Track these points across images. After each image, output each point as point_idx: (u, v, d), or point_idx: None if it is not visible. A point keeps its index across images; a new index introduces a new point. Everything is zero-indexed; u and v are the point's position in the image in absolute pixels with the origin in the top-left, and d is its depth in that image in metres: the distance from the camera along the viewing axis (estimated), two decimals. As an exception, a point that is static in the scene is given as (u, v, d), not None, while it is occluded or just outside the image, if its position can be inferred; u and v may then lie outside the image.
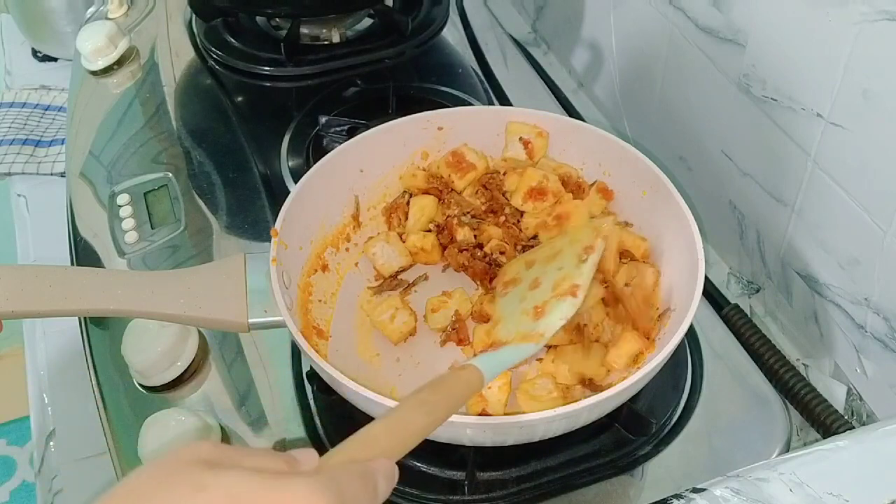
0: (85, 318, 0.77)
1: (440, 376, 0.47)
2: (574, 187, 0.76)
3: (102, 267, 0.82)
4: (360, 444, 0.39)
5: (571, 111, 1.01)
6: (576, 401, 0.56)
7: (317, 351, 0.62)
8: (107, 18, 1.10)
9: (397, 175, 0.78)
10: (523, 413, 0.56)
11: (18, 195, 1.10)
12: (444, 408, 0.45)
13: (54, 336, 0.92)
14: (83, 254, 0.84)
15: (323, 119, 0.92)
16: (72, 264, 0.85)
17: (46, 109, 1.21)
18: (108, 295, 0.60)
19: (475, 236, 0.75)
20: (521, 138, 0.77)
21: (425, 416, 0.43)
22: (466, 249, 0.74)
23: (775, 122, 0.71)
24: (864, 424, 0.71)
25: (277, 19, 1.05)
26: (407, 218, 0.77)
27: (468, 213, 0.76)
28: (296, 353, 0.72)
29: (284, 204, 0.68)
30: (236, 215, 0.85)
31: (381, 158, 0.77)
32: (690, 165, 0.87)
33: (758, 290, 0.83)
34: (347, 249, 0.76)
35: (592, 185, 0.75)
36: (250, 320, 0.62)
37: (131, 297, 0.60)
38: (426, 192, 0.77)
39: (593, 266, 0.62)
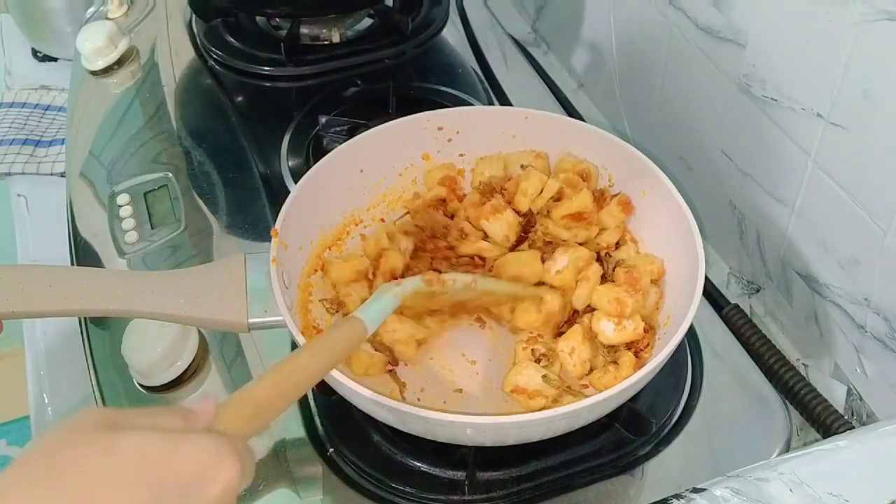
0: (85, 318, 0.77)
1: (326, 332, 0.52)
2: (597, 194, 0.75)
3: (102, 267, 0.82)
4: (247, 401, 0.42)
5: (571, 111, 1.01)
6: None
7: (317, 351, 0.62)
8: (107, 18, 1.10)
9: (397, 174, 0.78)
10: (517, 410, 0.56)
11: (18, 195, 1.10)
12: (328, 362, 0.50)
13: (54, 336, 0.92)
14: (83, 254, 0.84)
15: (323, 119, 0.92)
16: (72, 264, 0.85)
17: (46, 109, 1.21)
18: (108, 295, 0.60)
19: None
20: (522, 165, 0.77)
21: (311, 372, 0.47)
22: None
23: (775, 122, 0.71)
24: (864, 424, 0.71)
25: (277, 19, 1.05)
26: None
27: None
28: (296, 353, 0.72)
29: (284, 204, 0.68)
30: (236, 215, 0.85)
31: (381, 158, 0.77)
32: (690, 165, 0.87)
33: (758, 290, 0.83)
34: (347, 249, 0.76)
35: (615, 196, 0.75)
36: (250, 320, 0.62)
37: (131, 297, 0.60)
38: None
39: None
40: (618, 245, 0.74)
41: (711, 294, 0.81)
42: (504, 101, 0.99)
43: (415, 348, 0.68)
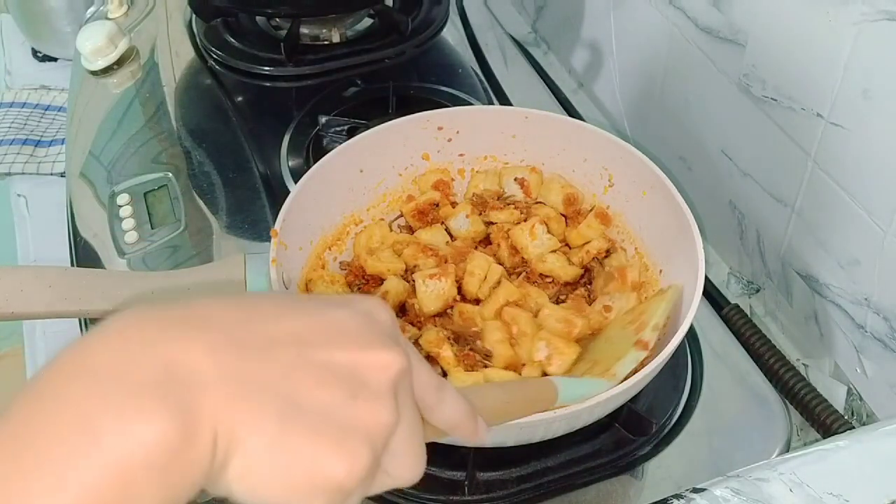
0: (85, 318, 0.77)
1: (521, 380, 0.53)
2: (573, 213, 0.76)
3: (102, 267, 0.82)
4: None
5: (571, 111, 1.01)
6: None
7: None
8: (107, 18, 1.10)
9: (397, 174, 0.78)
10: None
11: (18, 195, 1.10)
12: (521, 408, 0.48)
13: (54, 336, 0.92)
14: (83, 254, 0.84)
15: (323, 119, 0.92)
16: (72, 264, 0.85)
17: (46, 109, 1.21)
18: (108, 296, 0.60)
19: None
20: (515, 178, 0.78)
21: (505, 408, 0.45)
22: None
23: (775, 122, 0.71)
24: (864, 424, 0.71)
25: (277, 19, 1.05)
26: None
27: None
28: (296, 353, 0.72)
29: (284, 204, 0.68)
30: (236, 215, 0.85)
31: (381, 158, 0.77)
32: (690, 165, 0.87)
33: (758, 290, 0.83)
34: (347, 249, 0.76)
35: (591, 210, 0.75)
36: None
37: (131, 297, 0.60)
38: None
39: (664, 315, 0.62)
40: (608, 253, 0.74)
41: (711, 294, 0.81)
42: (504, 101, 0.99)
43: None
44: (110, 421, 0.27)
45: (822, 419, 0.70)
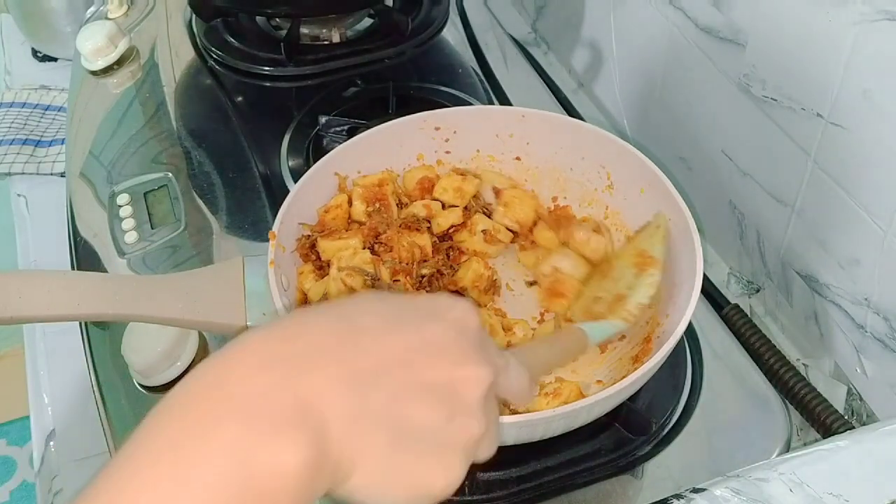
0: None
1: (555, 334, 0.58)
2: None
3: (102, 267, 0.82)
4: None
5: (571, 111, 1.01)
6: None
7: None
8: (107, 18, 1.10)
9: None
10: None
11: (18, 195, 1.10)
12: (562, 358, 0.55)
13: (54, 336, 0.92)
14: (83, 254, 0.84)
15: (323, 119, 0.92)
16: (72, 264, 0.85)
17: (46, 109, 1.21)
18: (107, 300, 0.60)
19: None
20: (493, 187, 0.79)
21: (549, 362, 0.52)
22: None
23: (775, 122, 0.71)
24: (864, 424, 0.71)
25: (277, 19, 1.05)
26: None
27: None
28: (296, 353, 0.72)
29: (282, 206, 0.68)
30: (236, 215, 0.85)
31: (378, 160, 0.77)
32: (690, 165, 0.87)
33: (758, 290, 0.83)
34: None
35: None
36: (249, 324, 0.62)
37: (130, 301, 0.60)
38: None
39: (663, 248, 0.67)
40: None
41: (711, 294, 0.81)
42: (504, 101, 0.99)
43: None
44: (260, 451, 0.31)
45: (822, 419, 0.70)
